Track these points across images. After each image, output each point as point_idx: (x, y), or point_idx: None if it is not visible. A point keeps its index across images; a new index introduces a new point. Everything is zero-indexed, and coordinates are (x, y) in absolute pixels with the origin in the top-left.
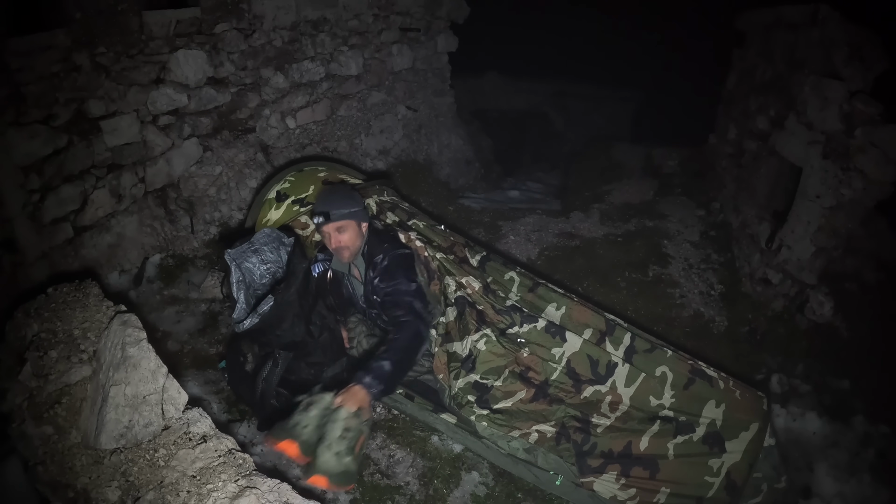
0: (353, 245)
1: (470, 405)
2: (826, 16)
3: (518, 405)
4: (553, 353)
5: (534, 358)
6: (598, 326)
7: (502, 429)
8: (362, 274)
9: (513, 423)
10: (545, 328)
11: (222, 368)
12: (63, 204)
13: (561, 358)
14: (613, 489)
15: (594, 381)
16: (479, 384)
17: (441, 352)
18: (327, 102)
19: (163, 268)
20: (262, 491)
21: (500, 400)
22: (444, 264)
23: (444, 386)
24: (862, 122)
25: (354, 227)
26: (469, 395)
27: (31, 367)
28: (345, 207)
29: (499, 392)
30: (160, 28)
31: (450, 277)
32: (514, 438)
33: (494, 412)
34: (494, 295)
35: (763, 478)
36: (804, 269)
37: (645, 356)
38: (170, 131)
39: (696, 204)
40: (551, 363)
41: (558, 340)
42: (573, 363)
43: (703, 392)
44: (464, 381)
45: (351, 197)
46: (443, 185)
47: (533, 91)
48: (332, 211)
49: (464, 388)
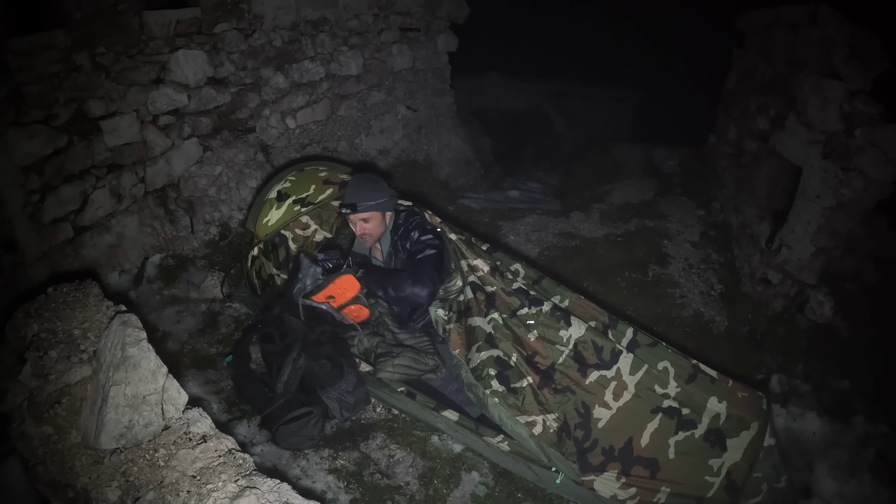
0: (375, 232)
1: (489, 378)
2: (826, 16)
3: (528, 390)
4: (560, 335)
5: (540, 342)
6: (600, 320)
7: (511, 410)
8: (384, 253)
9: (522, 407)
10: (551, 311)
11: (228, 363)
12: (63, 204)
13: (568, 341)
14: (614, 488)
15: (600, 366)
16: (501, 360)
17: (457, 327)
18: (327, 102)
19: (163, 268)
20: (262, 491)
21: (516, 381)
22: (458, 245)
23: (460, 361)
24: (862, 122)
25: (379, 217)
26: (490, 369)
27: (31, 367)
28: (371, 199)
29: (513, 374)
30: (160, 28)
31: (464, 261)
32: (520, 424)
33: (510, 391)
34: (503, 277)
35: (763, 478)
36: (804, 269)
37: (647, 350)
38: (170, 131)
39: (696, 204)
40: (558, 346)
41: (563, 324)
42: (580, 346)
43: (706, 387)
44: (486, 353)
45: (378, 188)
46: (443, 185)
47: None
48: (358, 203)
49: (486, 360)
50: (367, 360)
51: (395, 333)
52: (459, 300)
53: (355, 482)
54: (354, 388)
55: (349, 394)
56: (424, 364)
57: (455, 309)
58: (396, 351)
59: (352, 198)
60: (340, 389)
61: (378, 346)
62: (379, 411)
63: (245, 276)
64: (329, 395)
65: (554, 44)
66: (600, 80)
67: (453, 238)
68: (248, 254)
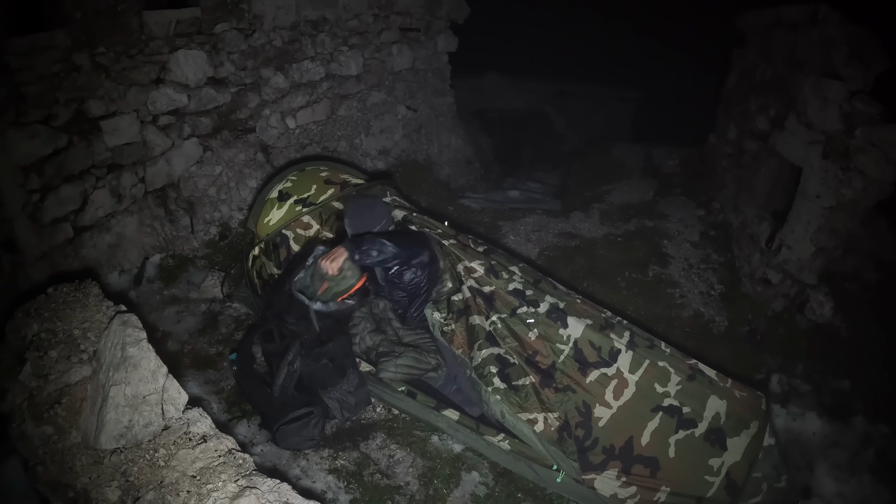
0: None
1: (491, 375)
2: (826, 16)
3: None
4: (560, 333)
5: (541, 342)
6: (599, 320)
7: (513, 407)
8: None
9: (524, 405)
10: (547, 312)
11: (232, 360)
12: (63, 204)
13: (569, 339)
14: (614, 487)
15: (600, 364)
16: (502, 357)
17: (459, 327)
18: (327, 102)
19: (163, 268)
20: (262, 491)
21: (518, 377)
22: (453, 249)
23: (464, 359)
24: (862, 122)
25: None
26: (491, 367)
27: (31, 367)
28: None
29: (514, 372)
30: (160, 28)
31: (460, 264)
32: (522, 421)
33: (512, 388)
34: (499, 278)
35: (763, 478)
36: (804, 269)
37: (645, 351)
38: (170, 131)
39: (696, 204)
40: (559, 344)
41: (560, 324)
42: (580, 345)
43: (706, 387)
44: (487, 352)
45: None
46: (443, 185)
47: (533, 91)
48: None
49: (487, 358)
50: (368, 358)
51: (396, 329)
52: (456, 300)
53: (355, 482)
54: (356, 388)
55: (350, 394)
56: (426, 363)
57: (454, 309)
58: (399, 350)
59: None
60: (342, 390)
61: (380, 345)
62: (379, 411)
63: (245, 275)
64: (330, 396)
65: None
66: (600, 80)
67: (446, 244)
68: (249, 253)
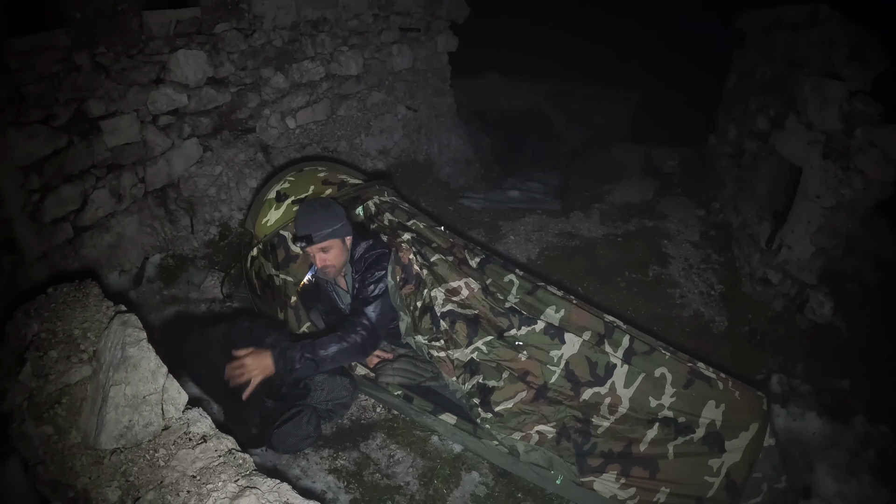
0: (338, 262)
1: (475, 407)
2: (826, 16)
3: (520, 406)
4: (551, 355)
5: (532, 362)
6: (596, 329)
7: (504, 430)
8: (349, 284)
9: (515, 426)
10: (544, 330)
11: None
12: (63, 204)
13: (559, 361)
14: (613, 488)
15: (593, 383)
16: (482, 385)
17: (446, 357)
18: (327, 102)
19: (163, 268)
20: (262, 491)
21: (501, 402)
22: (436, 271)
23: (457, 387)
24: (862, 122)
25: (338, 244)
26: (474, 398)
27: (31, 367)
28: (326, 227)
29: (500, 394)
30: (160, 28)
31: (439, 288)
32: (516, 441)
33: (496, 415)
34: (493, 297)
35: (763, 478)
36: (804, 269)
37: (644, 358)
38: (170, 131)
39: (696, 204)
40: (549, 366)
41: (557, 342)
42: (572, 365)
43: (703, 392)
44: (469, 383)
45: (331, 214)
46: (443, 185)
47: (533, 91)
48: (313, 234)
49: (470, 390)
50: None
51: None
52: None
53: (355, 482)
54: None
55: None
56: (424, 370)
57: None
58: (397, 353)
59: (305, 229)
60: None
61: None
62: (379, 411)
63: (245, 276)
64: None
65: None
66: (600, 79)
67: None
68: (248, 254)
